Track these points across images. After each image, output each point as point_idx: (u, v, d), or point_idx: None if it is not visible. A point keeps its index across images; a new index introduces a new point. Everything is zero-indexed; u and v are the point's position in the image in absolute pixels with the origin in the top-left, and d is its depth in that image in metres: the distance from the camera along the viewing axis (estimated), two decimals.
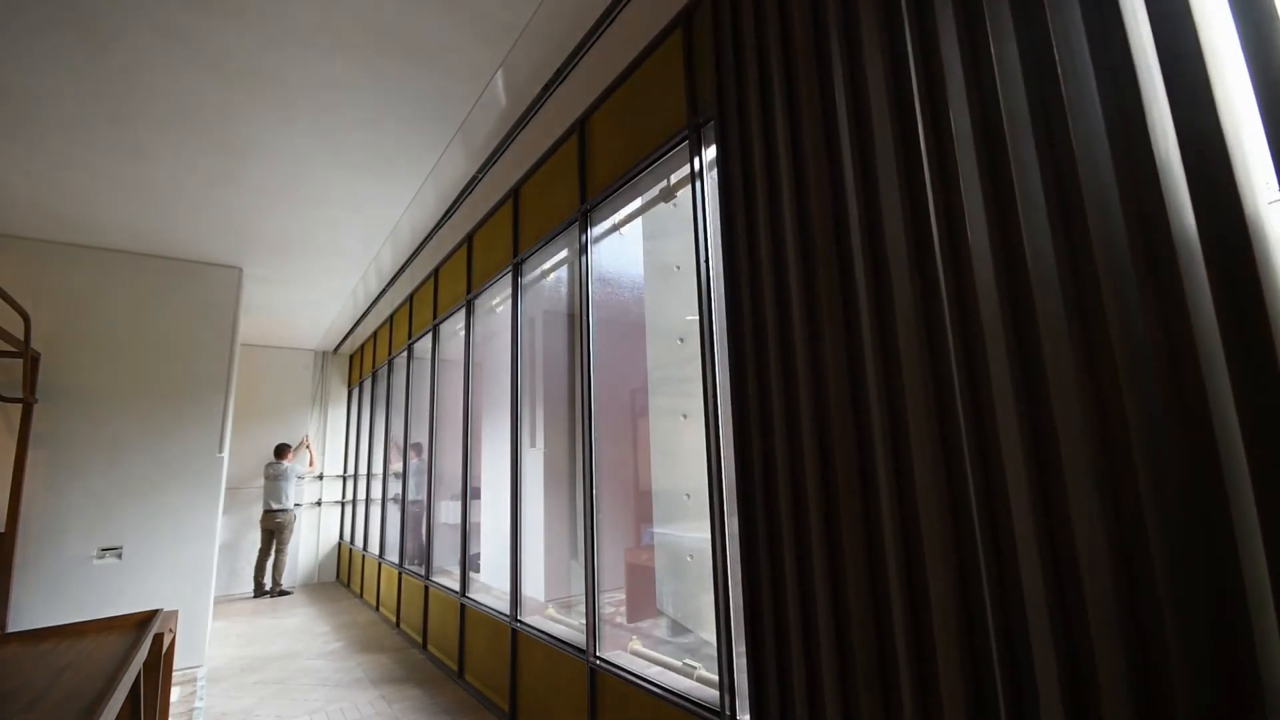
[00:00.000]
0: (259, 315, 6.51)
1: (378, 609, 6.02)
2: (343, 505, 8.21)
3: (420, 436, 5.32)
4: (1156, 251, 0.98)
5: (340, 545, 8.05)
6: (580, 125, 3.01)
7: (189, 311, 4.81)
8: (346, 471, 8.27)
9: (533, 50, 2.58)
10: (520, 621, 3.18)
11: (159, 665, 2.35)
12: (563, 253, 3.45)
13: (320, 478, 8.19)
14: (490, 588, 3.94)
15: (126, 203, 3.87)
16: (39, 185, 3.62)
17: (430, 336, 5.07)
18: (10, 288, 3.80)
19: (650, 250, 2.97)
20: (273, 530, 6.94)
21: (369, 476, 7.13)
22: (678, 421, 2.75)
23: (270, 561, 6.98)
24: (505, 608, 3.38)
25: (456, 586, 4.11)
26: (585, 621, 2.62)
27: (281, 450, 7.17)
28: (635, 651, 2.55)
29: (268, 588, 6.97)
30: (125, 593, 4.19)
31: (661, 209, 2.73)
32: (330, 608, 6.34)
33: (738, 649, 1.89)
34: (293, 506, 7.14)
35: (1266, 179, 0.91)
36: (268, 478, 7.05)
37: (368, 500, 7.10)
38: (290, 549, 7.39)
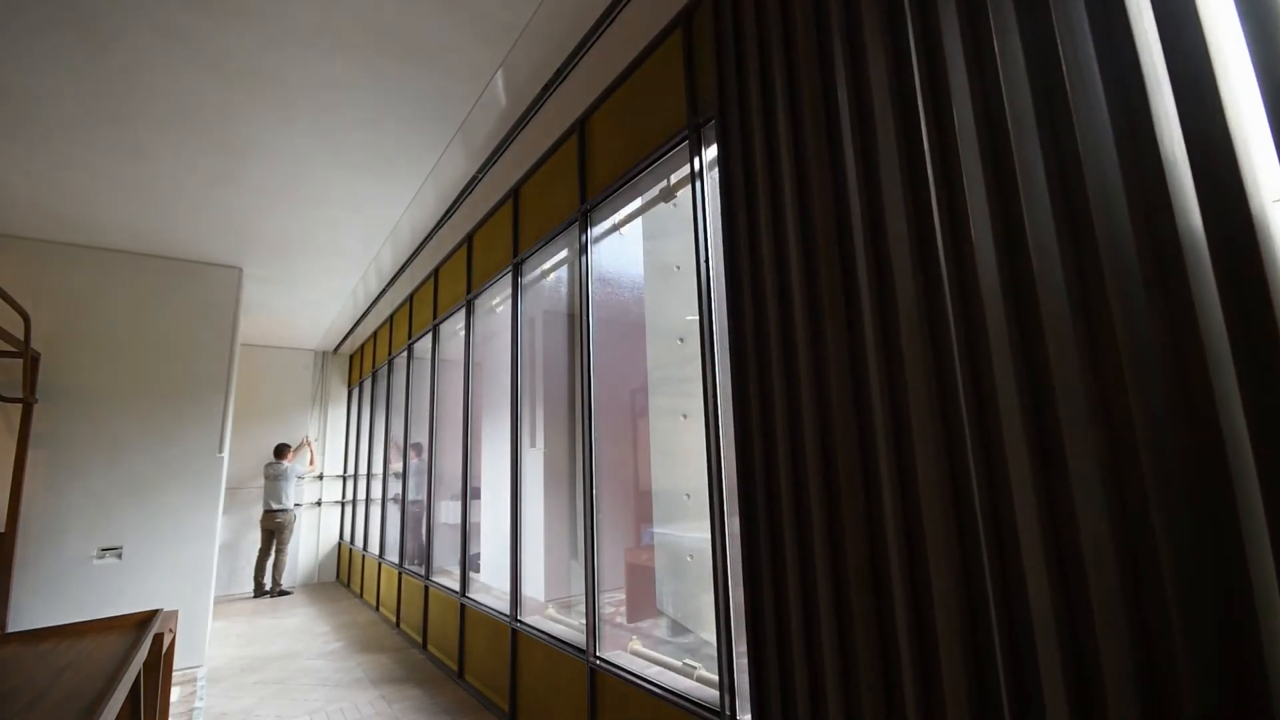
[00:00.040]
0: (259, 315, 6.51)
1: (378, 609, 6.02)
2: (343, 505, 8.20)
3: (420, 436, 5.31)
4: (1162, 249, 0.98)
5: (340, 545, 8.05)
6: (580, 125, 3.01)
7: (189, 311, 4.81)
8: (346, 471, 8.26)
9: (533, 50, 2.58)
10: (520, 621, 3.17)
11: (159, 665, 2.35)
12: (563, 253, 3.45)
13: (320, 478, 8.19)
14: (490, 588, 3.94)
15: (126, 203, 3.87)
16: (39, 185, 3.62)
17: (430, 336, 5.07)
18: (10, 288, 3.80)
19: (650, 250, 2.96)
20: (273, 530, 6.94)
21: (369, 476, 7.13)
22: (678, 421, 2.75)
23: (270, 561, 6.98)
24: (505, 608, 3.38)
25: (456, 586, 4.10)
26: (585, 621, 2.62)
27: (281, 450, 7.17)
28: (635, 651, 2.55)
29: (268, 588, 6.97)
30: (125, 593, 4.19)
31: (661, 209, 2.73)
32: (330, 608, 6.34)
33: (738, 649, 1.88)
34: (293, 506, 7.14)
35: (1272, 176, 0.90)
36: (268, 478, 7.05)
37: (368, 500, 7.10)
38: (290, 549, 7.39)
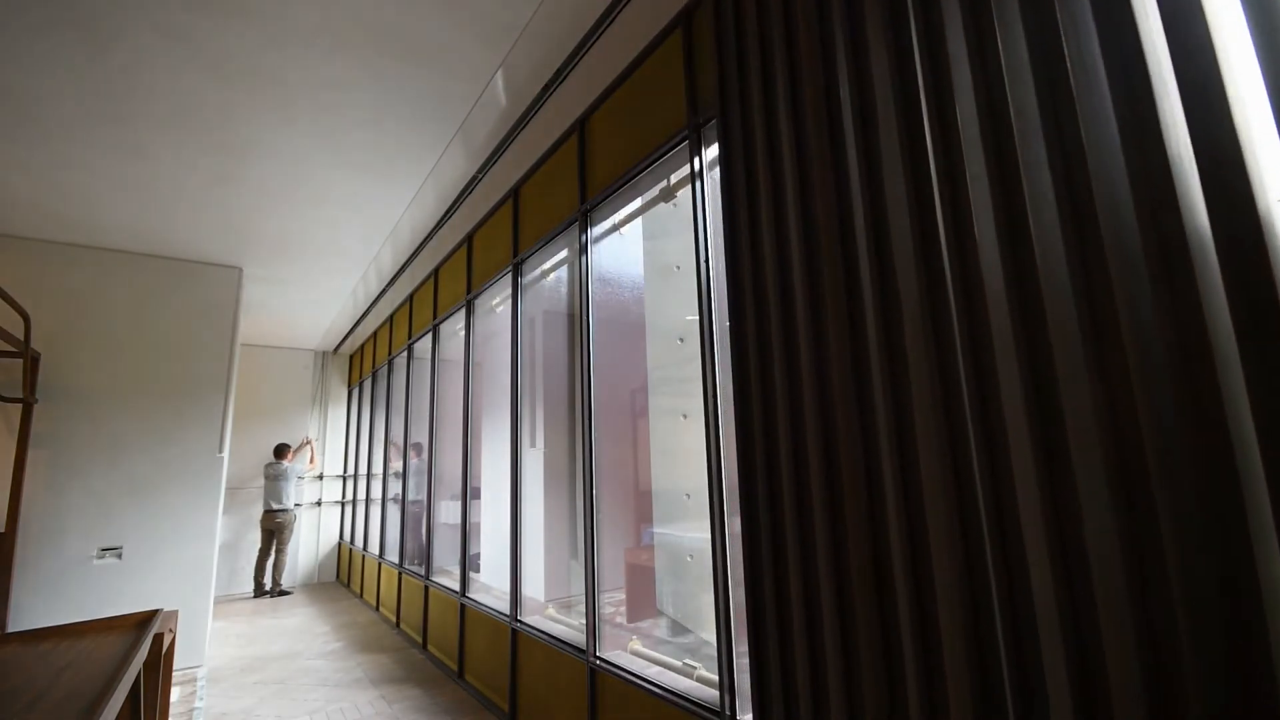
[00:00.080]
0: (259, 315, 6.51)
1: (378, 609, 6.02)
2: (343, 505, 8.20)
3: (420, 436, 5.31)
4: (1169, 248, 0.97)
5: (340, 545, 8.05)
6: (580, 125, 3.01)
7: (189, 311, 4.81)
8: (346, 471, 8.26)
9: (533, 50, 2.58)
10: (520, 621, 3.17)
11: (159, 665, 2.35)
12: (563, 253, 3.45)
13: (320, 478, 8.19)
14: (490, 588, 3.94)
15: (126, 203, 3.87)
16: (39, 185, 3.62)
17: (430, 336, 5.07)
18: (10, 288, 3.80)
19: (650, 250, 2.96)
20: (273, 530, 6.94)
21: (369, 476, 7.13)
22: (678, 421, 2.75)
23: (270, 561, 6.98)
24: (505, 608, 3.38)
25: (456, 586, 4.10)
26: (585, 621, 2.62)
27: (281, 450, 7.17)
28: (635, 651, 2.55)
29: (268, 588, 6.97)
30: (125, 593, 4.19)
31: (661, 209, 2.73)
32: (330, 608, 6.34)
33: (738, 649, 1.88)
34: (293, 506, 7.14)
35: (1279, 175, 0.90)
36: (268, 478, 7.05)
37: (368, 500, 7.10)
38: (290, 549, 7.39)
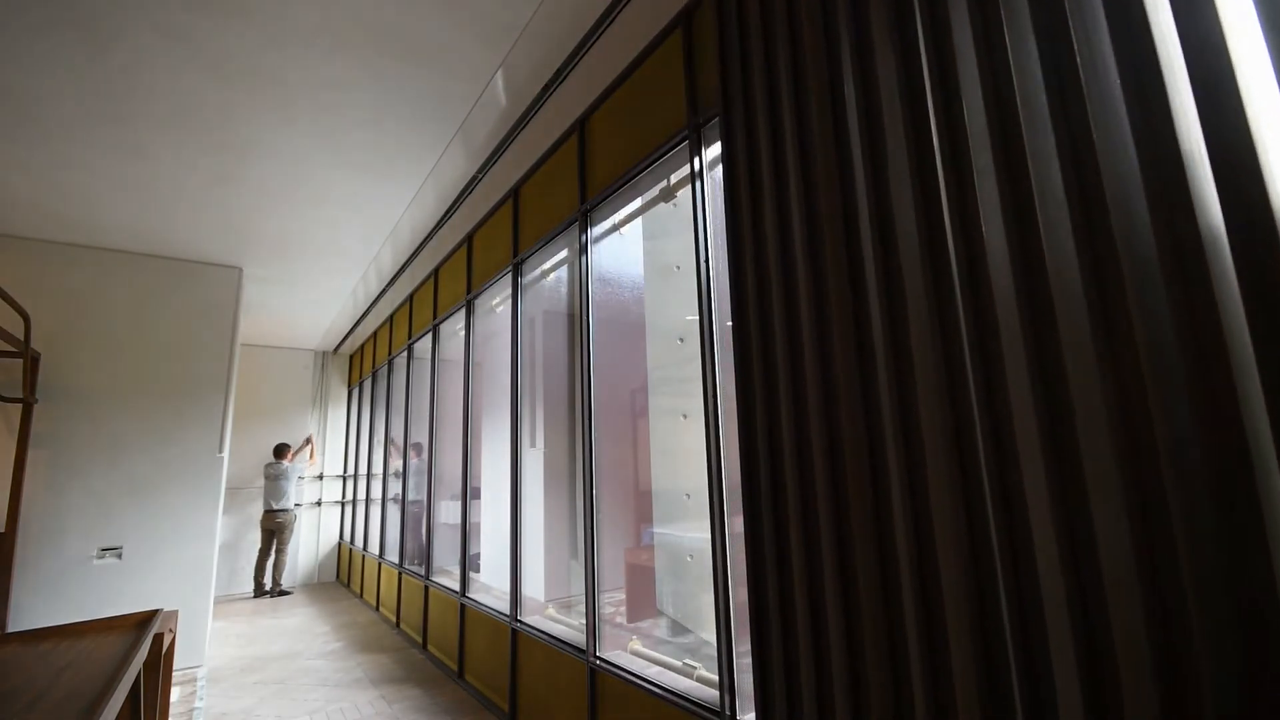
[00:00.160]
0: (259, 315, 6.51)
1: (378, 609, 6.02)
2: (343, 505, 8.21)
3: (420, 436, 5.32)
4: (1182, 244, 0.95)
5: (340, 545, 8.05)
6: (580, 125, 3.01)
7: (189, 311, 4.81)
8: (346, 471, 8.27)
9: (533, 50, 2.58)
10: (520, 621, 3.18)
11: (159, 665, 2.35)
12: (563, 253, 3.45)
13: (320, 478, 8.19)
14: (490, 588, 3.94)
15: (126, 203, 3.87)
16: (39, 185, 3.62)
17: (430, 336, 5.07)
18: (10, 288, 3.80)
19: (650, 250, 2.96)
20: (273, 530, 6.94)
21: (369, 476, 7.13)
22: (678, 421, 2.75)
23: (270, 561, 6.98)
24: (505, 608, 3.38)
25: (456, 586, 4.11)
26: (585, 621, 2.62)
27: (281, 450, 7.17)
28: (635, 651, 2.55)
29: (268, 588, 6.97)
30: (125, 593, 4.19)
31: (661, 209, 2.73)
32: (330, 608, 6.34)
33: (738, 649, 1.88)
34: (293, 506, 7.14)
35: None
36: (268, 478, 7.05)
37: (368, 500, 7.10)
38: (290, 549, 7.39)
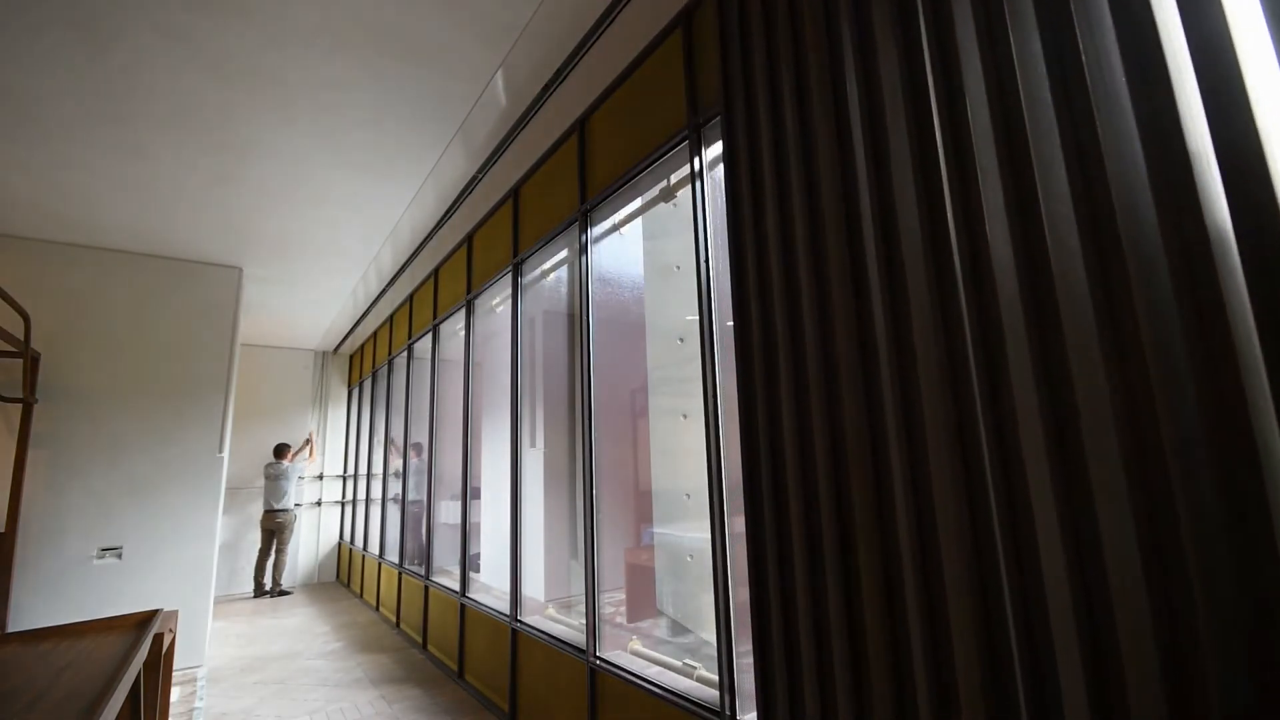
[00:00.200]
0: (259, 315, 6.51)
1: (378, 609, 6.02)
2: (343, 505, 8.21)
3: (420, 436, 5.32)
4: (1189, 245, 0.94)
5: (340, 545, 8.05)
6: (580, 125, 3.01)
7: (189, 311, 4.81)
8: (346, 471, 8.27)
9: (533, 50, 2.58)
10: (520, 621, 3.18)
11: (159, 665, 2.35)
12: (563, 253, 3.45)
13: (320, 477, 8.19)
14: (490, 588, 3.94)
15: (126, 203, 3.87)
16: (39, 185, 3.62)
17: (430, 336, 5.07)
18: (10, 288, 3.80)
19: (650, 250, 2.96)
20: (273, 530, 6.94)
21: (369, 476, 7.13)
22: (678, 421, 2.75)
23: (270, 561, 6.98)
24: (505, 608, 3.38)
25: (456, 586, 4.11)
26: (585, 621, 2.62)
27: (281, 450, 7.17)
28: (635, 651, 2.55)
29: (268, 588, 6.97)
30: (125, 593, 4.19)
31: (661, 209, 2.73)
32: (330, 608, 6.34)
33: (738, 649, 1.88)
34: (293, 506, 7.14)
35: None
36: (268, 478, 7.05)
37: (368, 500, 7.10)
38: (290, 549, 7.39)
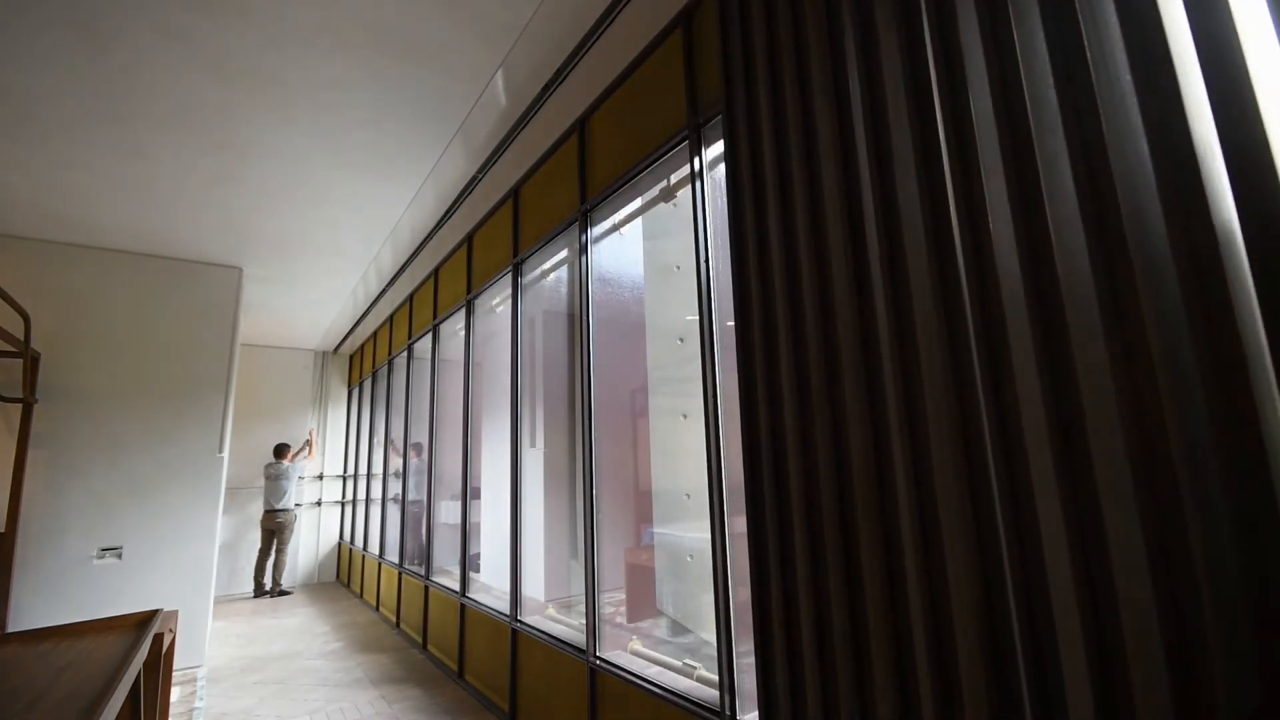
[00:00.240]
0: (259, 315, 6.51)
1: (378, 609, 6.02)
2: (343, 505, 8.21)
3: (420, 436, 5.32)
4: (1196, 244, 0.93)
5: (340, 545, 8.05)
6: (580, 125, 3.01)
7: (189, 311, 4.81)
8: (346, 471, 8.27)
9: (533, 50, 2.58)
10: (520, 621, 3.18)
11: (159, 665, 2.35)
12: (563, 253, 3.45)
13: (320, 477, 8.19)
14: (490, 588, 3.94)
15: (126, 203, 3.87)
16: (39, 185, 3.62)
17: (430, 336, 5.07)
18: (10, 288, 3.80)
19: (650, 250, 2.96)
20: (273, 530, 6.94)
21: (369, 476, 7.13)
22: (678, 421, 2.75)
23: (270, 561, 6.98)
24: (505, 608, 3.38)
25: (456, 586, 4.11)
26: (585, 621, 2.62)
27: (281, 450, 7.17)
28: (635, 651, 2.55)
29: (268, 588, 6.97)
30: (125, 593, 4.19)
31: (661, 209, 2.73)
32: (330, 608, 6.34)
33: (738, 649, 1.88)
34: (293, 506, 7.14)
35: None
36: (268, 478, 7.05)
37: (368, 500, 7.10)
38: (290, 549, 7.39)
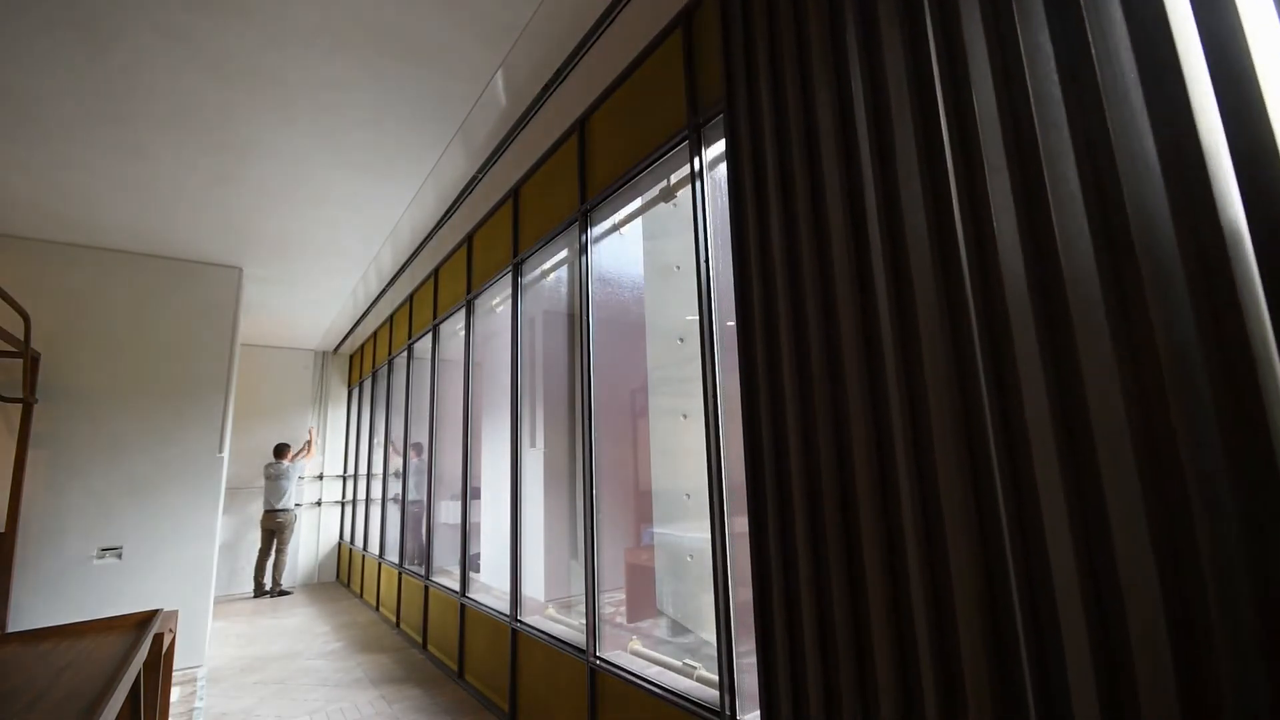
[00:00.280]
0: (259, 315, 6.51)
1: (378, 609, 6.02)
2: (343, 505, 8.20)
3: (420, 436, 5.32)
4: (1204, 244, 0.93)
5: (340, 545, 8.05)
6: (580, 125, 3.01)
7: (189, 311, 4.81)
8: (346, 471, 8.26)
9: (533, 50, 2.58)
10: (520, 621, 3.18)
11: (159, 665, 2.35)
12: (563, 253, 3.45)
13: (320, 477, 8.19)
14: (490, 588, 3.94)
15: (126, 203, 3.87)
16: (39, 185, 3.62)
17: (430, 336, 5.07)
18: (10, 288, 3.80)
19: (650, 250, 2.96)
20: (273, 530, 6.94)
21: (369, 476, 7.13)
22: (678, 421, 2.75)
23: (270, 561, 6.98)
24: (505, 608, 3.38)
25: (456, 586, 4.11)
26: (585, 621, 2.62)
27: (281, 450, 7.17)
28: (635, 651, 2.55)
29: (268, 588, 6.97)
30: (125, 593, 4.19)
31: (661, 209, 2.73)
32: (330, 608, 6.34)
33: (738, 649, 1.88)
34: (293, 506, 7.14)
35: None
36: (268, 478, 7.05)
37: (368, 500, 7.10)
38: (290, 549, 7.39)
